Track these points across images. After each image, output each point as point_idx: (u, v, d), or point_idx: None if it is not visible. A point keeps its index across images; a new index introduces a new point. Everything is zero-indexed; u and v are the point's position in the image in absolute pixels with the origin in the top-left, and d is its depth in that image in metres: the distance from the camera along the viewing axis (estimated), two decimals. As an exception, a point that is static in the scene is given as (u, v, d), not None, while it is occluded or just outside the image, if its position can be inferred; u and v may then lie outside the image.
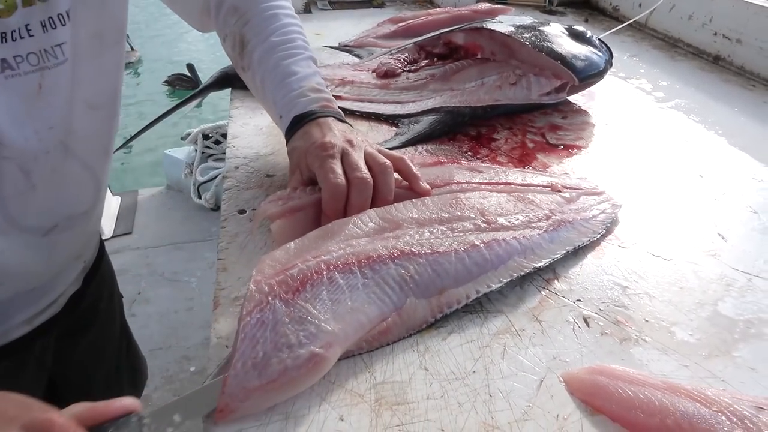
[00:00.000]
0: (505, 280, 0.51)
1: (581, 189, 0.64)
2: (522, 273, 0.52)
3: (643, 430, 0.39)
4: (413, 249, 0.49)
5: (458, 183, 0.61)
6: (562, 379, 0.43)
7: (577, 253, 0.57)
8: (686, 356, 0.46)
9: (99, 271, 0.76)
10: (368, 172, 0.54)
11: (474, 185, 0.61)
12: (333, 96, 0.71)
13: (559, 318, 0.49)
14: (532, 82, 0.86)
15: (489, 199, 0.58)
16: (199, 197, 2.67)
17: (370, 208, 0.54)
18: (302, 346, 0.40)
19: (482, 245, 0.52)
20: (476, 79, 0.89)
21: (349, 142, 0.56)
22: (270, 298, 0.42)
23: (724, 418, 0.38)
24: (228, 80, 0.95)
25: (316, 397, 0.41)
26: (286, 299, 0.43)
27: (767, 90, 1.01)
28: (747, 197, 0.68)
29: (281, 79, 0.62)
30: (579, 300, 0.51)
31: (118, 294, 0.86)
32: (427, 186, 0.58)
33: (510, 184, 0.63)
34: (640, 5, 1.36)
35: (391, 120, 0.86)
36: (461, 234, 0.53)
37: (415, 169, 0.58)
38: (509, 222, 0.55)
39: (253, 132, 0.81)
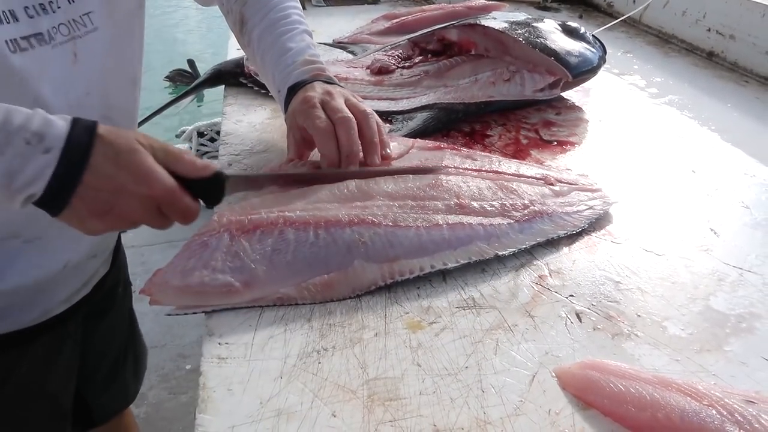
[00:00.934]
0: (462, 261, 0.53)
1: (576, 184, 0.65)
2: (482, 258, 0.54)
3: (635, 424, 0.39)
4: (374, 219, 0.53)
5: (446, 167, 0.62)
6: (554, 374, 0.43)
7: (571, 248, 0.57)
8: (678, 351, 0.46)
9: (118, 255, 0.80)
10: (350, 113, 0.59)
11: (462, 170, 0.63)
12: None
13: (552, 313, 0.49)
14: (526, 78, 0.86)
15: (469, 184, 0.60)
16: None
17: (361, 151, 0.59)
18: (223, 273, 0.48)
19: (445, 226, 0.54)
20: (470, 76, 0.89)
21: (328, 93, 0.61)
22: (222, 230, 0.51)
23: (714, 411, 0.38)
24: (221, 77, 0.95)
25: (308, 393, 0.41)
26: (233, 235, 0.50)
27: (760, 86, 1.02)
28: (739, 192, 0.68)
29: (278, 56, 0.66)
30: (572, 295, 0.51)
31: (128, 281, 0.88)
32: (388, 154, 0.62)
33: (500, 172, 0.64)
34: (634, 1, 1.36)
35: (384, 116, 0.86)
36: (429, 213, 0.55)
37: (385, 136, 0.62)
38: (481, 207, 0.57)
39: (246, 129, 0.81)
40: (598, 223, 0.61)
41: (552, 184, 0.63)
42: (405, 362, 0.44)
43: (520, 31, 0.88)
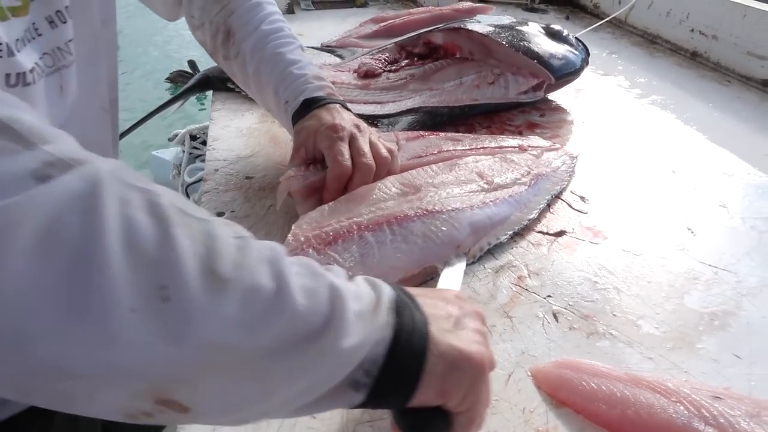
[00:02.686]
0: (508, 234, 0.59)
1: (542, 146, 0.73)
2: (521, 226, 0.60)
3: (605, 422, 0.40)
4: (435, 207, 0.56)
5: (447, 150, 0.68)
6: (529, 374, 0.45)
7: (550, 249, 0.59)
8: (651, 348, 0.47)
9: None
10: (372, 159, 0.58)
11: (461, 152, 0.68)
12: None
13: (530, 314, 0.50)
14: (510, 80, 0.88)
15: (482, 162, 0.66)
16: (188, 198, 2.66)
17: None
18: None
19: (491, 203, 0.59)
20: (455, 79, 0.90)
21: (357, 128, 0.60)
22: (304, 247, 0.49)
23: (682, 407, 0.39)
24: (209, 82, 0.96)
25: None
26: (318, 249, 0.49)
27: (742, 85, 1.03)
28: (717, 192, 0.70)
29: (283, 67, 0.64)
30: (549, 296, 0.53)
31: None
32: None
33: (489, 148, 0.71)
34: (619, 2, 1.38)
35: (370, 120, 0.87)
36: (470, 194, 0.60)
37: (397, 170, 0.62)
38: (502, 181, 0.63)
39: (233, 134, 0.81)
40: (577, 223, 0.62)
41: (526, 150, 0.71)
42: (384, 364, 0.45)
43: (503, 35, 0.89)
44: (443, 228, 0.54)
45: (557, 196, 0.67)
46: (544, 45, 0.89)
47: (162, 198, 0.25)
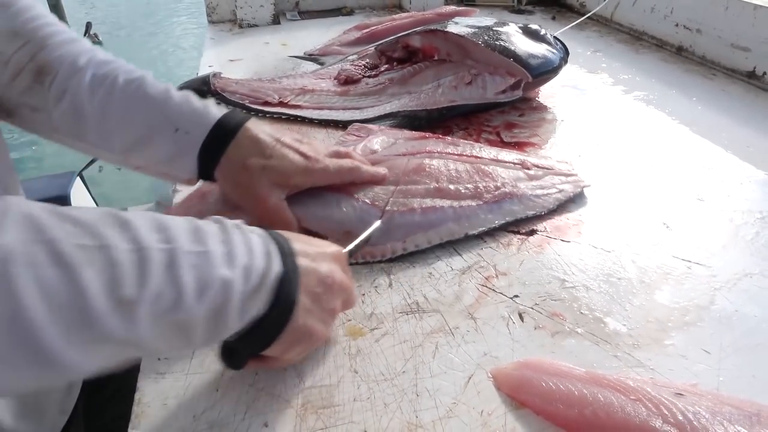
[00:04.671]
0: (434, 242, 0.57)
1: (552, 169, 0.68)
2: (451, 238, 0.58)
3: (564, 422, 0.39)
4: (358, 195, 0.58)
5: (429, 152, 0.67)
6: (490, 375, 0.43)
7: (520, 248, 0.58)
8: (617, 346, 0.46)
9: None
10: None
11: (444, 154, 0.66)
12: (293, 105, 0.68)
13: (495, 314, 0.49)
14: (487, 81, 0.87)
15: (449, 167, 0.64)
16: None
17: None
18: None
19: (419, 209, 0.58)
20: (433, 81, 0.90)
21: (299, 141, 0.56)
22: None
23: (641, 406, 0.38)
24: (201, 94, 0.96)
25: (242, 405, 0.41)
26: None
27: (726, 78, 1.02)
28: (696, 186, 0.68)
29: (158, 95, 0.51)
30: (516, 296, 0.52)
31: None
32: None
33: (479, 157, 0.68)
34: (605, 0, 1.37)
35: (348, 126, 0.86)
36: (408, 197, 0.59)
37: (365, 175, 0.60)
38: (456, 190, 0.61)
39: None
40: (546, 221, 0.61)
41: (528, 168, 0.67)
42: (342, 369, 0.44)
43: (479, 35, 0.88)
44: (353, 214, 0.57)
45: (523, 219, 0.61)
46: (521, 44, 0.88)
47: (63, 243, 0.28)
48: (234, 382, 0.43)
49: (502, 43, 0.87)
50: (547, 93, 0.95)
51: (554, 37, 0.93)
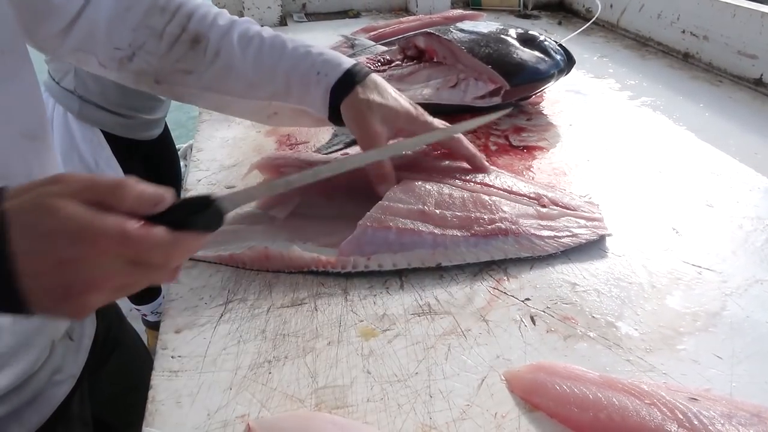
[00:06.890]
0: (400, 266, 0.54)
1: (573, 210, 0.61)
2: (422, 265, 0.54)
3: (578, 425, 0.39)
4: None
5: (429, 172, 0.64)
6: (503, 378, 0.44)
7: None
8: (629, 350, 0.46)
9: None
10: None
11: (445, 179, 0.62)
12: None
13: (507, 317, 0.49)
14: (470, 85, 0.87)
15: (442, 192, 0.59)
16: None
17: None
18: None
19: (394, 229, 0.55)
20: (424, 81, 0.91)
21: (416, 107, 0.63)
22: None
23: (656, 410, 0.38)
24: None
25: (256, 404, 0.41)
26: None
27: (733, 85, 1.02)
28: (704, 192, 0.69)
29: (297, 46, 0.60)
30: (528, 299, 0.52)
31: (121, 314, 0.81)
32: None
33: (487, 185, 0.62)
34: (611, 6, 1.37)
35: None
36: (387, 216, 0.56)
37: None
38: (441, 215, 0.57)
39: (218, 144, 0.82)
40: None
41: (543, 206, 0.60)
42: (355, 370, 0.44)
43: (472, 40, 0.89)
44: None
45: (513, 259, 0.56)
46: (508, 52, 0.87)
47: None
48: (247, 380, 0.43)
49: (486, 49, 0.87)
50: (553, 98, 0.96)
51: (559, 44, 0.93)
